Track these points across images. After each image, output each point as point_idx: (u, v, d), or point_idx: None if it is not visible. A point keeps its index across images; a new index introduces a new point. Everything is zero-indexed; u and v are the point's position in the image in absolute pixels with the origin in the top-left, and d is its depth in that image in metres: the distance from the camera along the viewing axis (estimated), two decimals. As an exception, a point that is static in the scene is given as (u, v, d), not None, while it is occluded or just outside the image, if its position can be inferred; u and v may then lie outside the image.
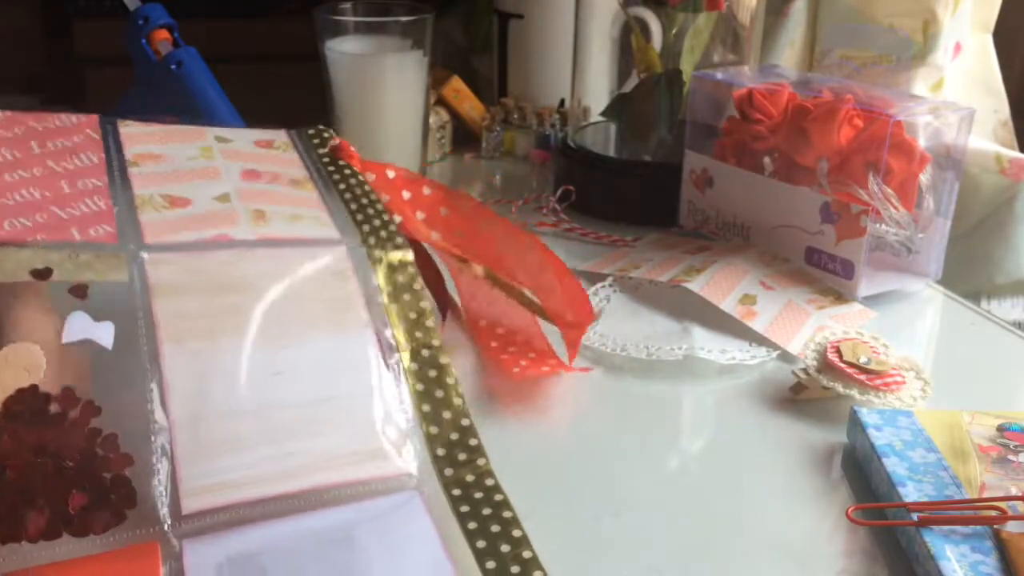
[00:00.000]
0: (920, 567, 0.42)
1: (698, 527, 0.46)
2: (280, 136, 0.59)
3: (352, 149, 0.57)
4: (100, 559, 0.38)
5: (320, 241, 0.49)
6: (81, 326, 0.42)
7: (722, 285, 0.65)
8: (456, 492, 0.43)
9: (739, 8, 0.80)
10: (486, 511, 0.42)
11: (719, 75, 0.75)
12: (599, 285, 0.68)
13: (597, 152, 0.85)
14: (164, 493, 0.39)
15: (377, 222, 0.51)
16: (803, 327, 0.62)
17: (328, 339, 0.46)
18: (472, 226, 0.59)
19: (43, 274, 0.43)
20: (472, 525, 0.42)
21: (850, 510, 0.46)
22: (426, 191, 0.59)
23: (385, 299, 0.48)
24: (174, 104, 0.82)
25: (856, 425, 0.51)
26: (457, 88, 0.98)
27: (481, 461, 0.45)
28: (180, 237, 0.47)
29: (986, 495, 0.44)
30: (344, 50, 0.83)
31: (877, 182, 0.64)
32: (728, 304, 0.63)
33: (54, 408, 0.39)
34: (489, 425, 0.52)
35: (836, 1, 0.91)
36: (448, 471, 0.44)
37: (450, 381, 0.47)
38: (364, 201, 0.53)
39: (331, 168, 0.56)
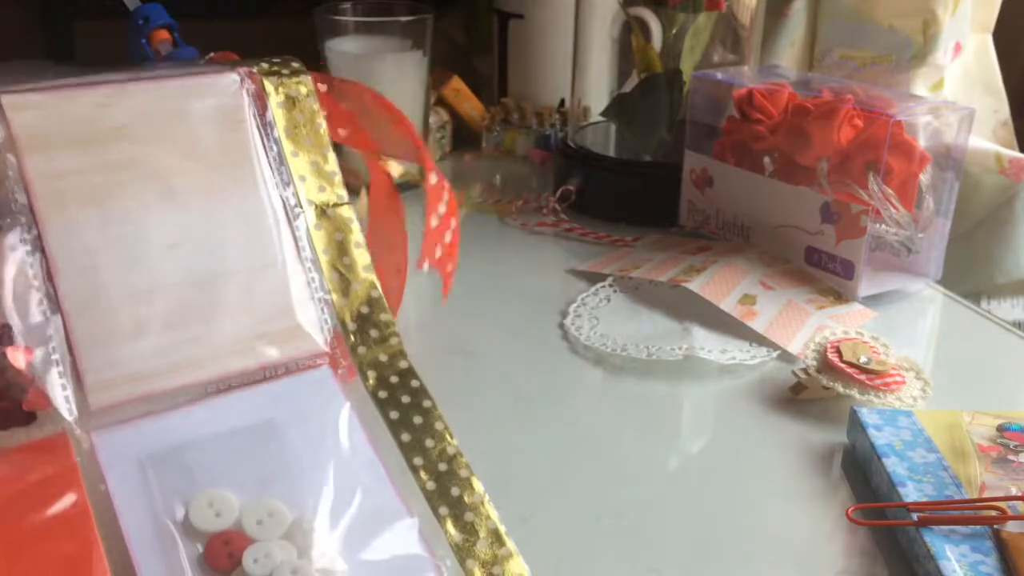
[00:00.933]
0: (920, 567, 0.42)
1: (698, 527, 0.46)
2: None
3: (227, 53, 0.52)
4: (8, 455, 0.35)
5: (204, 71, 0.44)
6: None
7: (722, 285, 0.65)
8: (371, 374, 0.41)
9: (739, 8, 0.80)
10: (405, 398, 0.41)
11: (719, 75, 0.75)
12: (599, 285, 0.68)
13: (597, 152, 0.85)
14: (67, 387, 0.36)
15: (267, 59, 0.46)
16: (803, 327, 0.62)
17: (225, 200, 0.41)
18: (370, 116, 0.53)
19: None
20: (394, 415, 0.40)
21: (850, 510, 0.46)
22: (321, 87, 0.52)
23: (284, 142, 0.43)
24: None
25: (856, 425, 0.51)
26: (457, 88, 0.98)
27: (394, 340, 0.42)
28: (39, 86, 0.41)
29: (986, 495, 0.44)
30: (344, 50, 0.83)
31: (877, 182, 0.64)
32: (728, 304, 0.63)
33: None
34: (488, 426, 0.53)
35: (836, 1, 0.91)
36: (361, 349, 0.42)
37: (356, 243, 0.43)
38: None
39: None
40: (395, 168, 0.53)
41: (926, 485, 0.45)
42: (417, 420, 0.40)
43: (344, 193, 0.44)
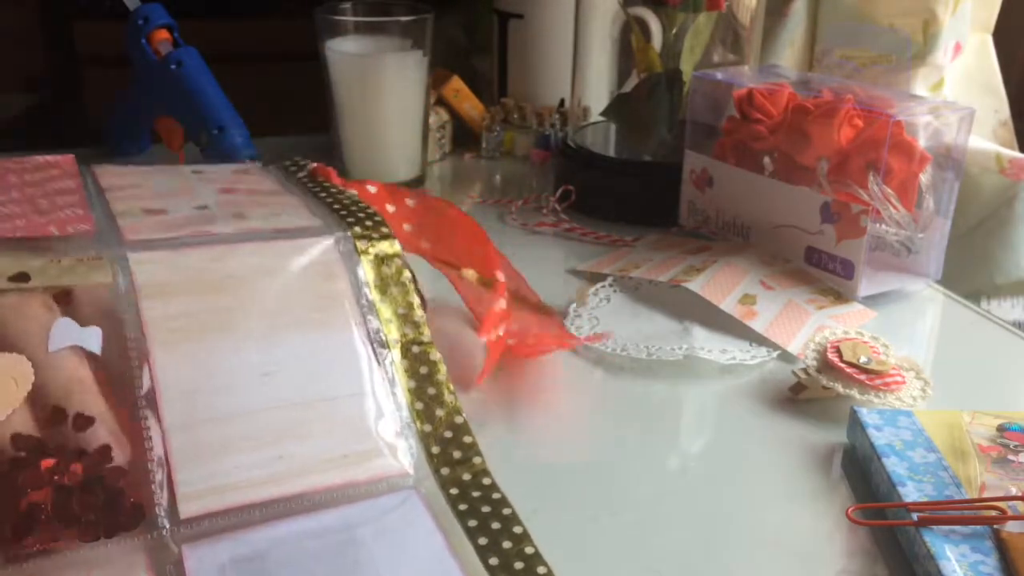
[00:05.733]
0: (920, 567, 0.42)
1: (698, 527, 0.46)
2: (254, 166, 0.60)
3: (330, 170, 0.57)
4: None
5: (305, 231, 0.48)
6: (67, 333, 0.41)
7: (722, 285, 0.65)
8: (453, 491, 0.43)
9: (739, 8, 0.80)
10: (485, 508, 0.42)
11: (719, 75, 0.75)
12: (599, 285, 0.68)
13: (597, 152, 0.85)
14: (161, 496, 0.39)
15: (361, 215, 0.51)
16: (803, 327, 0.62)
17: (318, 338, 0.45)
18: (449, 230, 0.59)
19: (21, 278, 0.41)
20: (472, 523, 0.41)
21: (850, 510, 0.46)
22: (409, 202, 0.59)
23: (373, 293, 0.48)
24: (173, 104, 0.82)
25: (856, 425, 0.51)
26: (457, 88, 0.98)
27: (477, 460, 0.45)
28: (160, 235, 0.46)
29: (986, 495, 0.44)
30: (344, 50, 0.83)
31: (877, 182, 0.64)
32: (728, 304, 0.63)
33: (45, 435, 0.38)
34: (488, 425, 0.53)
35: (836, 1, 0.91)
36: (444, 470, 0.44)
37: (441, 377, 0.47)
38: (346, 202, 0.53)
39: (310, 184, 0.56)
40: (469, 275, 0.60)
41: (926, 485, 0.45)
42: (495, 525, 0.41)
43: (428, 334, 0.48)
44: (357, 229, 0.49)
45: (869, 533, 0.45)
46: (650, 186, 0.80)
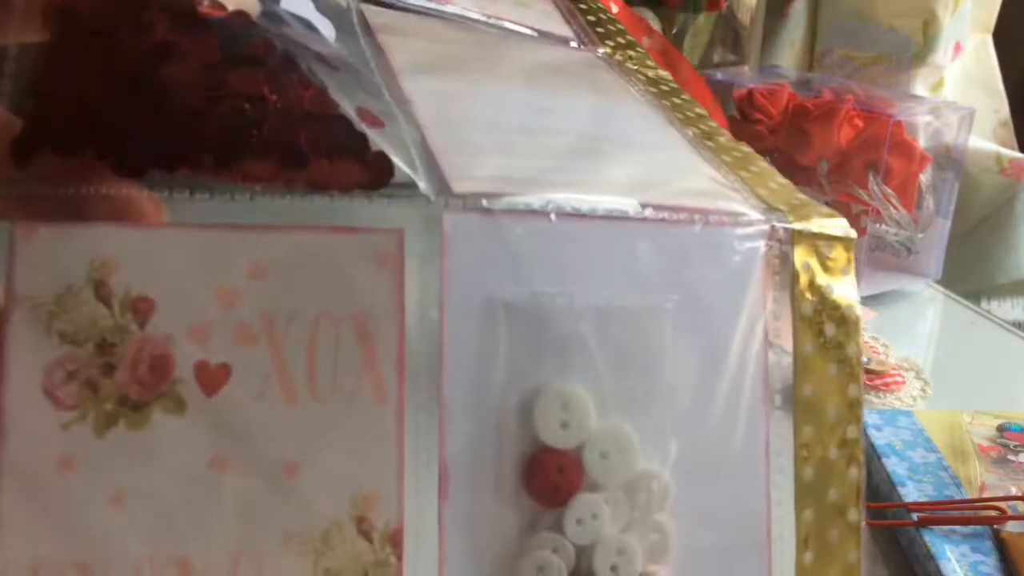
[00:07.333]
0: (920, 567, 0.42)
1: (698, 527, 0.46)
2: None
3: None
4: None
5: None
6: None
7: (722, 285, 0.65)
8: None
9: (739, 8, 0.80)
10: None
11: (719, 75, 0.75)
12: (599, 285, 0.68)
13: (597, 152, 0.85)
14: (418, 164, 0.25)
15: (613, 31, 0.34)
16: (803, 327, 0.62)
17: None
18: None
19: None
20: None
21: (850, 510, 0.46)
22: (646, 41, 0.47)
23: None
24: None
25: (856, 425, 0.51)
26: (457, 88, 0.98)
27: None
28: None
29: (986, 495, 0.44)
30: (344, 50, 0.83)
31: (877, 182, 0.64)
32: (728, 304, 0.63)
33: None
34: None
35: (836, 1, 0.91)
36: None
37: None
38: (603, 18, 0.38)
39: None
40: None
41: (926, 485, 0.45)
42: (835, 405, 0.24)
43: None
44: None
45: (869, 533, 0.45)
46: (650, 186, 0.80)
